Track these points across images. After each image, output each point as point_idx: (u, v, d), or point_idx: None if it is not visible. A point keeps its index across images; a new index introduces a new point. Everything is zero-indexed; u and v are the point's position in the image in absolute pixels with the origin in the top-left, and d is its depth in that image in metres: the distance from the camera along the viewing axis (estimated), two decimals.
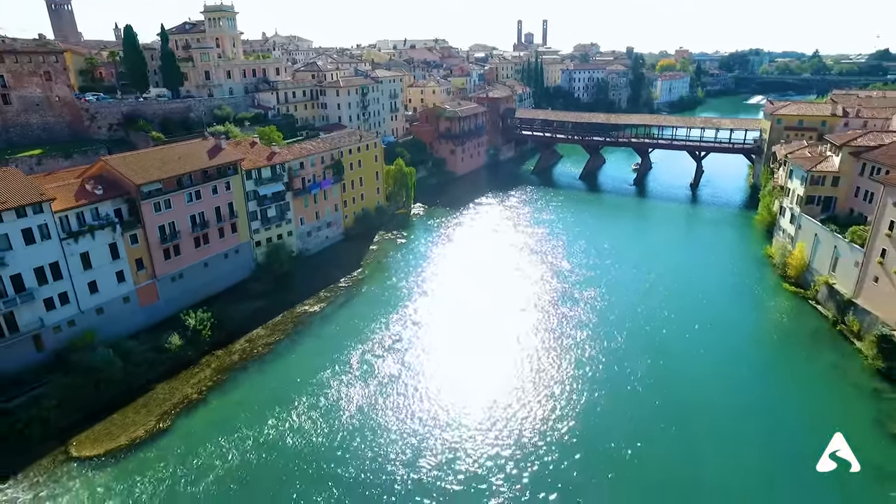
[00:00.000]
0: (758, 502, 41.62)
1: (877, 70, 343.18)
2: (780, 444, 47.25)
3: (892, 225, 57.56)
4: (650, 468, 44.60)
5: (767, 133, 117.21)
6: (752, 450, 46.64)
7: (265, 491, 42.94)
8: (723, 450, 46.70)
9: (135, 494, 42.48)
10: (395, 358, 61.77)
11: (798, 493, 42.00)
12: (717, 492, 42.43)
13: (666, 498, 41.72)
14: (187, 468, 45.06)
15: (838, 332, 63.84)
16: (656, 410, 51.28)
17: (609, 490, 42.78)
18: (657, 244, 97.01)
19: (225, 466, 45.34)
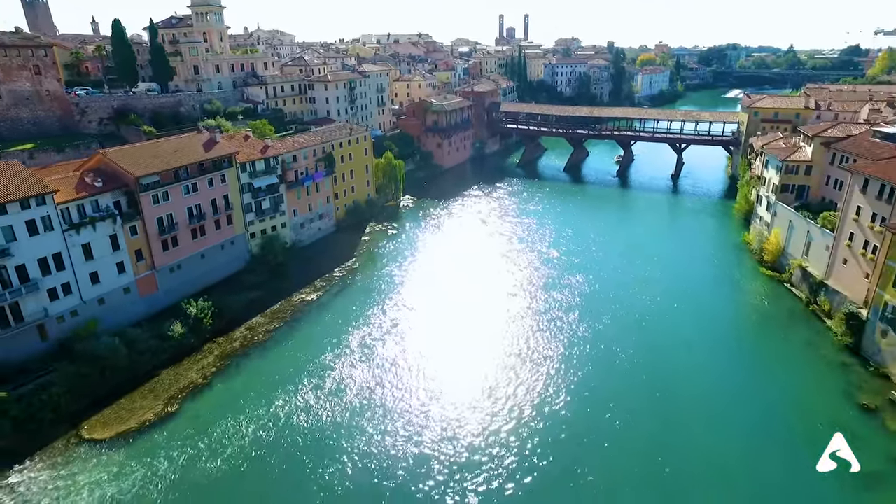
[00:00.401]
0: (737, 463, 44.70)
1: (847, 65, 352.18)
2: (759, 412, 50.85)
3: (858, 210, 61.23)
4: (639, 436, 47.77)
5: (745, 125, 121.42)
6: (733, 418, 50.14)
7: (277, 466, 45.03)
8: (706, 419, 49.96)
9: (148, 473, 44.18)
10: (393, 341, 64.20)
11: (772, 453, 45.33)
12: (700, 455, 45.61)
13: (654, 462, 44.64)
14: (199, 447, 46.93)
15: (811, 311, 67.67)
16: (643, 384, 54.50)
17: (602, 456, 45.63)
18: (640, 233, 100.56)
19: (237, 444, 47.32)
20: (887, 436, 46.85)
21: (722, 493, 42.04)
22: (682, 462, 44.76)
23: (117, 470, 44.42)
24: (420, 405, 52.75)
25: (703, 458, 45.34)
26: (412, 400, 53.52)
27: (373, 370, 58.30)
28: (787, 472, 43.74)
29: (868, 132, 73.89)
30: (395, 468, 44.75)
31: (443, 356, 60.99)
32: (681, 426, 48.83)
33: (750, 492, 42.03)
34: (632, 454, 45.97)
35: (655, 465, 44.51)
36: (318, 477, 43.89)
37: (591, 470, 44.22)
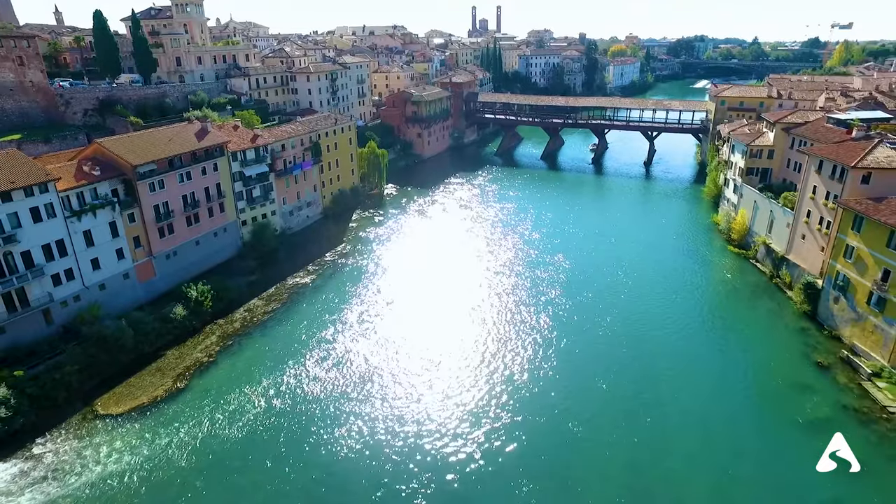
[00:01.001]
0: (710, 414, 49.56)
1: (808, 57, 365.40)
2: (729, 371, 56.36)
3: (814, 189, 66.69)
4: (622, 392, 52.54)
5: (712, 114, 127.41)
6: (706, 377, 55.51)
7: (288, 432, 48.18)
8: (682, 378, 54.80)
9: (165, 443, 46.83)
10: (390, 316, 67.95)
11: (740, 406, 50.38)
12: (677, 408, 50.34)
13: (636, 417, 49.14)
14: (211, 418, 49.75)
15: (774, 284, 73.29)
16: (625, 349, 59.23)
17: (590, 413, 49.94)
18: (616, 216, 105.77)
19: (248, 414, 50.31)
20: (838, 389, 52.31)
21: (697, 438, 46.82)
22: (662, 414, 49.48)
23: (136, 441, 47.01)
24: (422, 371, 56.75)
25: (680, 411, 50.03)
26: (414, 367, 57.51)
27: (372, 343, 61.96)
28: (753, 421, 49.12)
29: (823, 118, 79.56)
30: (399, 429, 48.37)
31: (437, 329, 65.01)
32: (660, 384, 53.66)
33: (722, 437, 46.88)
34: (616, 408, 50.57)
35: (638, 416, 49.17)
36: (326, 440, 47.14)
37: (580, 422, 48.52)
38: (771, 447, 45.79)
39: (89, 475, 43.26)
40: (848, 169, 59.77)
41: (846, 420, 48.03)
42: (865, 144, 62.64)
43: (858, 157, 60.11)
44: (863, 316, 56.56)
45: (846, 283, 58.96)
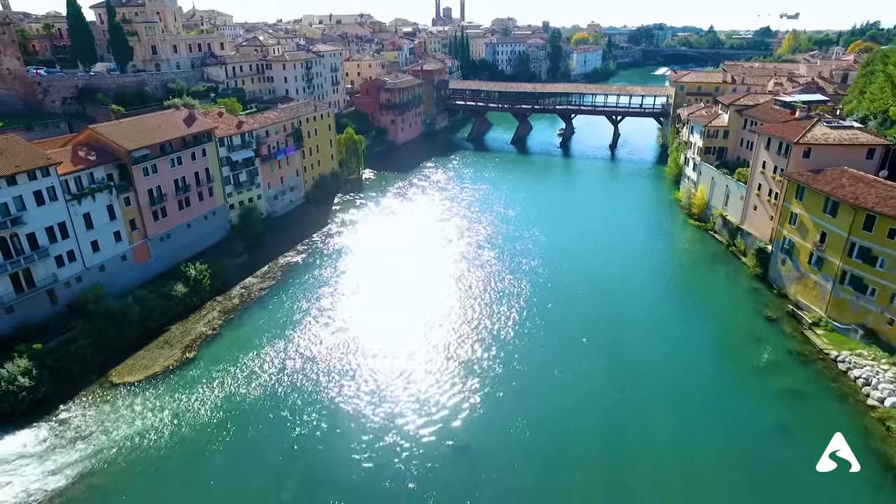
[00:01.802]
0: (677, 364, 55.91)
1: (759, 45, 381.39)
2: (692, 327, 63.71)
3: (764, 164, 73.79)
4: (600, 348, 58.55)
5: (672, 98, 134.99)
6: (672, 332, 62.31)
7: (298, 391, 52.31)
8: (651, 335, 61.29)
9: (181, 406, 50.31)
10: (383, 286, 72.66)
11: (702, 356, 57.01)
12: (649, 360, 56.44)
13: (613, 367, 55.15)
14: (223, 381, 53.44)
15: (730, 252, 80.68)
16: (599, 312, 65.26)
17: (573, 364, 55.74)
18: (585, 195, 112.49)
19: (258, 376, 54.23)
20: (785, 337, 59.60)
21: (667, 382, 53.02)
22: (636, 363, 55.75)
23: (155, 403, 50.45)
24: (415, 332, 62.05)
25: (652, 361, 56.19)
26: (407, 329, 62.64)
27: (367, 310, 66.72)
28: (714, 366, 56.36)
29: (771, 101, 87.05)
30: (398, 375, 53.95)
31: (429, 296, 70.13)
32: (632, 340, 60.04)
33: (688, 381, 53.34)
34: (596, 359, 56.57)
35: (615, 366, 55.21)
36: (336, 397, 51.51)
37: (564, 372, 54.26)
38: (728, 386, 52.73)
39: (115, 435, 46.60)
40: (791, 145, 66.77)
41: (791, 363, 55.22)
42: (806, 123, 69.81)
43: (800, 134, 67.15)
44: (805, 274, 63.85)
45: (791, 246, 66.14)
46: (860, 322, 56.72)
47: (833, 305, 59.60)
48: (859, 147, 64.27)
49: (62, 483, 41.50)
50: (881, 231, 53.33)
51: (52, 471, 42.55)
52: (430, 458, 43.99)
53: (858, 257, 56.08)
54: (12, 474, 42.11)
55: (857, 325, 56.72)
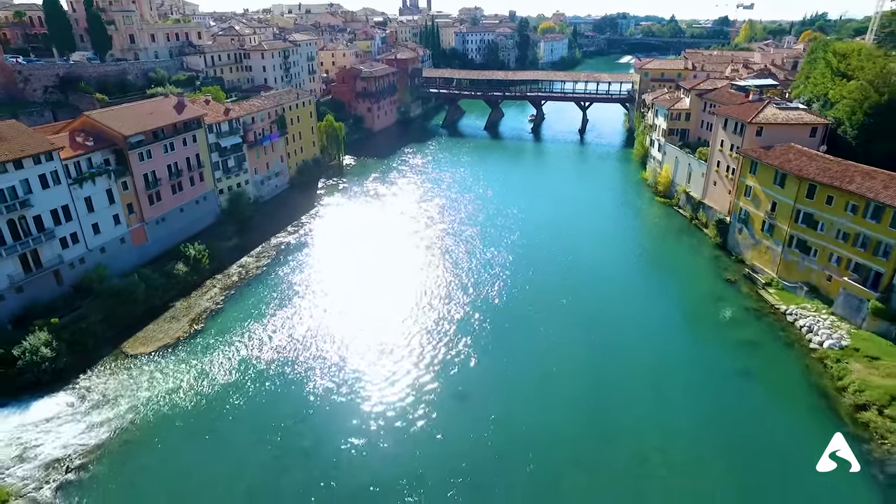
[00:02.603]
0: (647, 321, 62.22)
1: (718, 34, 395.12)
2: (660, 290, 70.28)
3: (721, 143, 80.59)
4: (580, 308, 64.78)
5: (637, 84, 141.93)
6: (644, 295, 68.62)
7: (309, 352, 56.65)
8: (623, 296, 67.71)
9: (196, 371, 53.96)
10: (378, 259, 77.89)
11: (670, 313, 63.50)
12: (623, 317, 62.72)
13: (592, 323, 61.19)
14: (233, 348, 57.30)
15: (694, 225, 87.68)
16: (577, 279, 71.11)
17: (555, 321, 61.55)
18: (558, 176, 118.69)
19: (267, 343, 58.25)
20: (742, 296, 66.62)
21: (639, 335, 59.34)
22: (612, 319, 62.27)
23: (171, 369, 54.03)
24: (411, 295, 68.01)
25: (626, 318, 62.50)
26: (402, 293, 68.36)
27: (363, 281, 71.63)
28: (681, 321, 63.58)
29: (728, 86, 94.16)
30: (396, 340, 58.64)
31: (421, 267, 75.70)
32: (608, 301, 66.35)
33: (658, 334, 59.75)
34: (576, 317, 62.79)
35: (593, 323, 61.34)
36: (338, 356, 55.97)
37: (547, 328, 59.98)
38: (694, 338, 59.79)
39: (135, 399, 50.10)
40: (746, 124, 73.50)
41: (748, 317, 62.23)
42: (759, 105, 76.69)
43: (753, 115, 73.93)
44: (759, 241, 70.89)
45: (747, 216, 73.10)
46: (805, 280, 63.86)
47: (783, 267, 66.73)
48: (804, 126, 71.38)
49: (97, 439, 45.05)
50: (821, 198, 60.31)
51: (85, 430, 46.01)
52: (435, 403, 49.07)
53: (803, 223, 63.10)
54: (50, 433, 45.45)
55: (803, 282, 63.87)
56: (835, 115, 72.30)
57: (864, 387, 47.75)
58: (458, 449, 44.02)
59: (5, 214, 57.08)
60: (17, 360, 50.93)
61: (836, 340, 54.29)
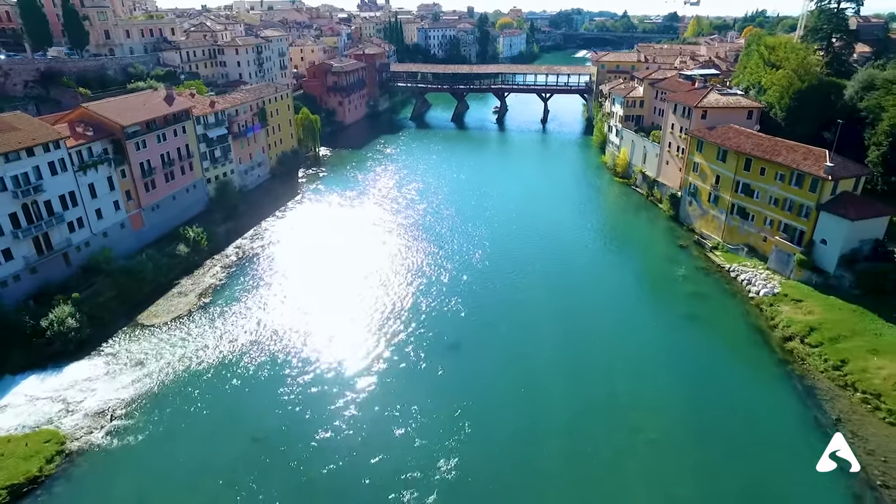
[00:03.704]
0: (611, 280, 70.72)
1: (668, 29, 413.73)
2: (621, 256, 79.01)
3: (672, 126, 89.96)
4: (552, 272, 72.76)
5: (595, 76, 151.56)
6: (607, 260, 77.62)
7: (313, 316, 62.72)
8: (591, 263, 76.15)
9: (215, 334, 59.20)
10: (368, 237, 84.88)
11: (628, 273, 72.19)
12: (588, 280, 71.07)
13: (563, 285, 69.16)
14: (243, 317, 62.67)
15: (650, 201, 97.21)
16: (548, 248, 79.40)
17: (530, 283, 69.31)
18: (524, 162, 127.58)
19: (273, 309, 64.06)
20: (693, 258, 76.01)
21: (604, 291, 67.94)
22: (580, 281, 70.48)
23: (187, 336, 59.16)
24: (402, 264, 75.41)
25: (591, 280, 70.95)
26: (393, 263, 75.48)
27: (353, 252, 78.88)
28: (641, 279, 73.18)
29: (677, 75, 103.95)
30: (389, 303, 65.09)
31: (406, 241, 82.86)
32: (575, 267, 74.78)
33: (620, 290, 68.43)
34: (548, 280, 70.73)
35: (564, 284, 69.29)
36: (338, 319, 62.20)
37: (523, 291, 67.58)
38: (653, 292, 69.10)
39: (160, 360, 55.20)
40: (692, 108, 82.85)
41: (698, 275, 71.52)
42: (703, 91, 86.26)
43: (699, 100, 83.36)
44: (706, 211, 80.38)
45: (695, 190, 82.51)
46: (745, 242, 73.45)
47: (726, 232, 76.29)
48: (741, 109, 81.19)
49: (131, 394, 50.14)
50: (756, 170, 69.85)
51: (119, 387, 50.97)
52: (430, 353, 55.97)
53: (742, 192, 72.61)
54: (86, 392, 50.27)
55: (743, 244, 73.46)
56: (767, 100, 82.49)
57: (790, 323, 57.20)
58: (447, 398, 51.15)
59: (21, 198, 60.86)
60: (45, 331, 55.25)
61: (769, 289, 63.77)
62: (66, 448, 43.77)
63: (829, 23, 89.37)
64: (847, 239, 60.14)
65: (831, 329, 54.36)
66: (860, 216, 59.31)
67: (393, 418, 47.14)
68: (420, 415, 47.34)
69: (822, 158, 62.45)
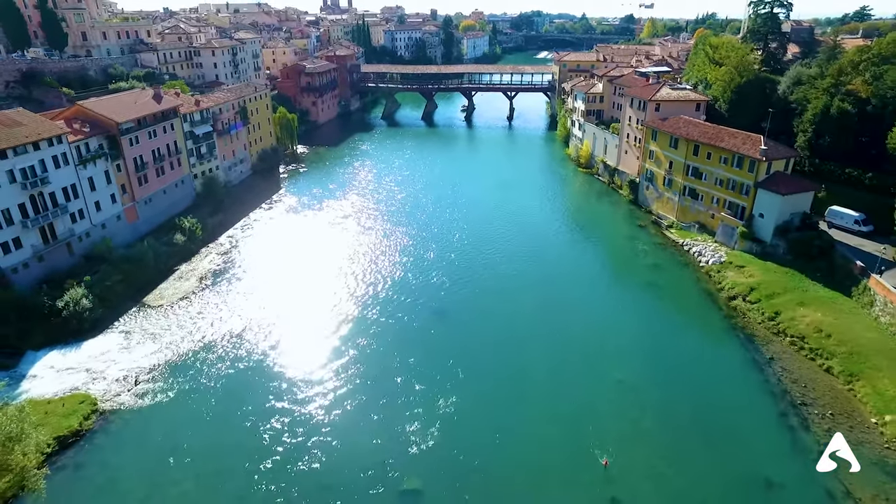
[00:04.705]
0: (579, 254, 78.53)
1: (625, 31, 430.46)
2: (589, 235, 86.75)
3: (630, 118, 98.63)
4: (527, 251, 79.92)
5: (557, 75, 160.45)
6: (576, 240, 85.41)
7: (313, 290, 68.56)
8: (560, 244, 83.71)
9: (218, 312, 64.07)
10: (352, 220, 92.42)
11: (595, 247, 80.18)
12: (559, 256, 78.38)
13: (539, 260, 76.53)
14: (244, 295, 67.79)
15: (611, 188, 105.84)
16: (521, 230, 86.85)
17: (512, 260, 76.36)
18: (494, 156, 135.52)
19: (277, 284, 69.48)
20: (651, 235, 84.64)
21: (574, 263, 75.70)
22: (553, 258, 78.03)
23: (194, 314, 63.89)
24: (393, 244, 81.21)
25: (560, 256, 78.49)
26: (387, 242, 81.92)
27: (336, 236, 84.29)
28: (606, 253, 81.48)
29: (633, 72, 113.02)
30: (382, 278, 71.06)
31: (392, 224, 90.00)
32: (548, 247, 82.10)
33: (588, 263, 76.47)
34: (526, 257, 77.89)
35: (540, 261, 76.63)
36: (334, 292, 68.02)
37: (506, 267, 74.43)
38: (616, 264, 77.14)
39: (172, 335, 59.85)
40: (647, 101, 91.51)
41: (656, 249, 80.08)
42: (657, 86, 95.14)
43: (652, 94, 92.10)
44: (661, 194, 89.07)
45: (652, 175, 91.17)
46: (696, 220, 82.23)
47: (679, 212, 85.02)
48: (690, 102, 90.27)
49: (150, 363, 54.81)
50: (703, 155, 78.63)
51: (137, 359, 55.52)
52: (421, 317, 62.59)
53: (692, 175, 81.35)
54: (108, 362, 54.75)
55: (694, 222, 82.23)
56: (712, 94, 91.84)
57: (734, 285, 65.86)
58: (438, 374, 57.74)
59: (28, 189, 64.54)
60: (62, 311, 59.29)
61: (717, 258, 72.48)
62: (100, 408, 48.44)
63: (765, 26, 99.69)
64: (780, 212, 69.19)
65: (767, 288, 63.12)
66: (790, 191, 68.41)
67: (394, 369, 53.52)
68: (418, 365, 53.82)
69: (758, 143, 71.44)
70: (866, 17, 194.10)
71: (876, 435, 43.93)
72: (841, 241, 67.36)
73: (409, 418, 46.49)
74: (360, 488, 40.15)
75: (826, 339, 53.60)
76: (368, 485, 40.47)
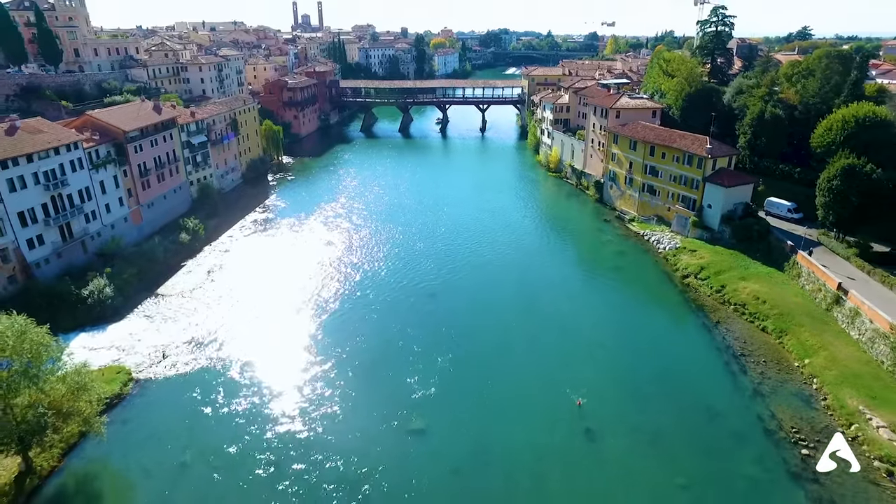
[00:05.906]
0: (551, 246, 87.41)
1: (589, 48, 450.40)
2: (559, 230, 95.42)
3: (594, 125, 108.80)
4: (506, 242, 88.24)
5: (526, 89, 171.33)
6: (548, 235, 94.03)
7: (314, 277, 75.38)
8: (534, 239, 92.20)
9: (230, 297, 70.52)
10: (344, 220, 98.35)
11: (566, 242, 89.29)
12: (535, 249, 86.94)
13: (516, 250, 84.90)
14: (253, 285, 74.21)
15: (578, 189, 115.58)
16: (498, 228, 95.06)
17: (494, 252, 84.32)
18: (469, 164, 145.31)
19: (281, 275, 76.17)
20: (615, 229, 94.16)
21: (547, 254, 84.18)
22: (530, 250, 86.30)
23: (208, 301, 70.03)
24: (385, 240, 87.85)
25: (536, 250, 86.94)
26: (369, 239, 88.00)
27: (329, 233, 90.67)
28: (575, 245, 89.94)
29: (596, 84, 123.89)
30: (377, 264, 78.33)
31: (383, 222, 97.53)
32: (524, 241, 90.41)
33: (560, 253, 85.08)
34: (506, 249, 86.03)
35: (517, 251, 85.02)
36: (327, 281, 75.09)
37: (490, 255, 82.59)
38: (585, 252, 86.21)
39: (190, 318, 66.01)
40: (609, 109, 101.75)
41: (620, 239, 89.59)
42: (617, 96, 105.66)
43: (613, 102, 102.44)
44: (623, 192, 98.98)
45: (614, 176, 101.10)
46: (655, 213, 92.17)
47: (640, 207, 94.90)
48: (647, 109, 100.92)
49: (173, 341, 61.07)
50: (658, 155, 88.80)
51: (162, 337, 61.68)
52: (414, 296, 70.23)
53: (650, 174, 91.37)
54: (135, 342, 60.70)
55: (653, 215, 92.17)
56: (666, 102, 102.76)
57: (687, 266, 75.50)
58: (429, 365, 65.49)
59: (50, 191, 70.34)
60: (87, 298, 65.04)
61: (672, 245, 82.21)
62: (135, 377, 54.58)
63: (712, 42, 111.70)
64: (725, 202, 79.38)
65: (715, 267, 72.91)
66: (733, 184, 78.73)
67: (393, 336, 61.32)
68: (415, 334, 61.60)
69: (705, 143, 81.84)
70: (808, 37, 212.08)
71: (797, 374, 53.55)
72: (776, 226, 78.03)
73: (412, 372, 54.11)
74: (377, 430, 47.36)
75: (762, 305, 63.25)
76: (382, 423, 47.80)
